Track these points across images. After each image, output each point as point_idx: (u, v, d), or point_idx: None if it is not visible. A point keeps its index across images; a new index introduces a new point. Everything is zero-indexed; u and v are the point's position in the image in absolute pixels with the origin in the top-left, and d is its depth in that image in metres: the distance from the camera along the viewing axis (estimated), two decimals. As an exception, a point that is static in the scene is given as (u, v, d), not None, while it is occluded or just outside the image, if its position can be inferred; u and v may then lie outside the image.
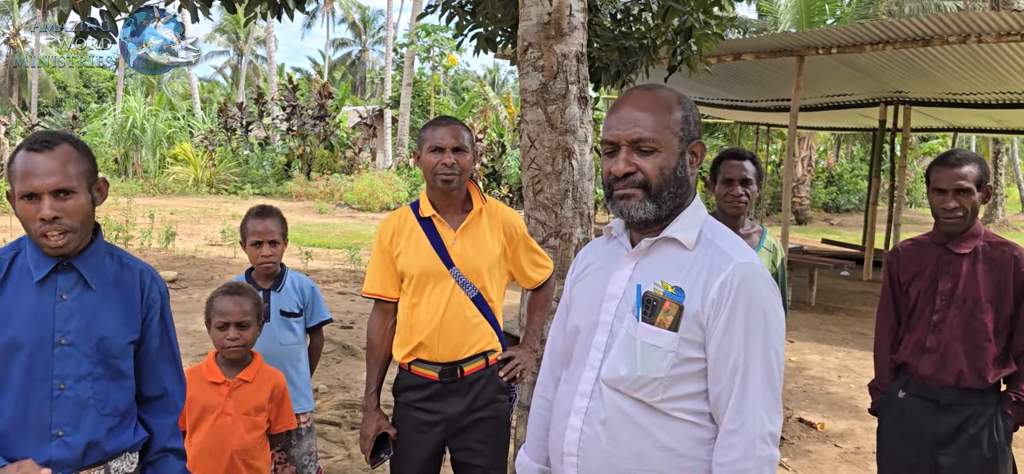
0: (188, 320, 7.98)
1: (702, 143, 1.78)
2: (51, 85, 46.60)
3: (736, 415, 1.64)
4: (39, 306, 1.92)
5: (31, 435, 1.90)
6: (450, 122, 2.73)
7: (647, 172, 1.71)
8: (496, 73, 58.95)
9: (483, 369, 2.77)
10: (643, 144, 1.70)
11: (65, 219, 1.87)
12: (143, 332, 2.06)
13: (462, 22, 5.66)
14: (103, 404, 1.96)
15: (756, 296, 1.67)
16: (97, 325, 1.96)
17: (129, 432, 2.04)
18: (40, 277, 1.92)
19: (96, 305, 1.97)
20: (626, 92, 1.80)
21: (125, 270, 2.05)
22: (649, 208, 1.72)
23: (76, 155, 1.92)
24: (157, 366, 2.11)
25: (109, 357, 1.97)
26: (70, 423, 1.92)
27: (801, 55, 9.15)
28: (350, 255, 12.82)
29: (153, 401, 2.12)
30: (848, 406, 6.18)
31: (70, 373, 1.92)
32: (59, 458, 1.91)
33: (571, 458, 1.78)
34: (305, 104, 29.56)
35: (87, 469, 1.95)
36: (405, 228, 2.77)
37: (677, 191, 1.73)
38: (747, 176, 3.18)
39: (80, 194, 1.90)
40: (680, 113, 1.74)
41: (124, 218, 14.36)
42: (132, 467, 2.07)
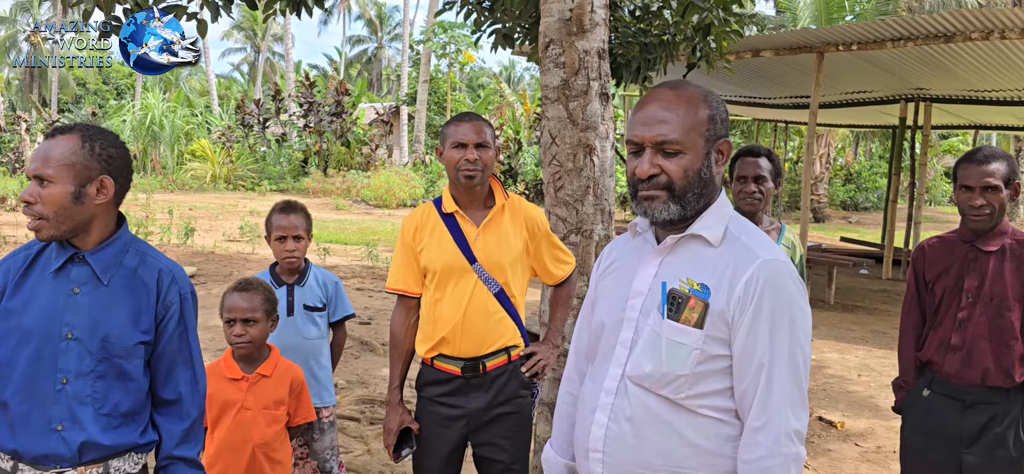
0: (207, 315, 8.04)
1: (728, 141, 1.76)
2: (71, 82, 47.04)
3: (762, 412, 1.64)
4: (52, 297, 1.93)
5: (35, 427, 1.91)
6: (473, 118, 2.74)
7: (671, 174, 1.69)
8: (512, 70, 58.96)
9: (505, 364, 2.77)
10: (667, 146, 1.69)
11: (37, 206, 1.88)
12: (158, 334, 2.03)
13: (480, 18, 5.66)
14: (101, 403, 1.94)
15: (782, 293, 1.66)
16: (104, 322, 1.94)
17: (133, 434, 2.01)
18: (55, 267, 1.94)
19: (106, 302, 1.96)
20: (652, 90, 1.79)
21: (145, 268, 2.03)
22: (673, 209, 1.71)
23: (75, 147, 1.92)
24: (173, 371, 2.07)
25: (113, 356, 1.95)
26: (68, 418, 1.91)
27: (821, 52, 9.09)
28: (367, 251, 12.87)
29: (166, 405, 2.08)
30: (868, 405, 6.14)
31: (72, 368, 1.92)
32: (56, 453, 1.91)
33: (597, 454, 1.79)
34: (322, 101, 29.68)
35: (85, 465, 1.94)
36: (428, 224, 2.78)
37: (702, 191, 1.72)
38: (761, 173, 3.17)
39: (58, 185, 1.89)
40: (706, 112, 1.72)
41: (144, 214, 14.49)
42: (136, 468, 2.04)
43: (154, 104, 33.24)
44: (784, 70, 10.85)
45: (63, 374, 1.91)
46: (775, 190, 3.27)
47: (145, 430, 2.04)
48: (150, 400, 2.07)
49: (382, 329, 7.89)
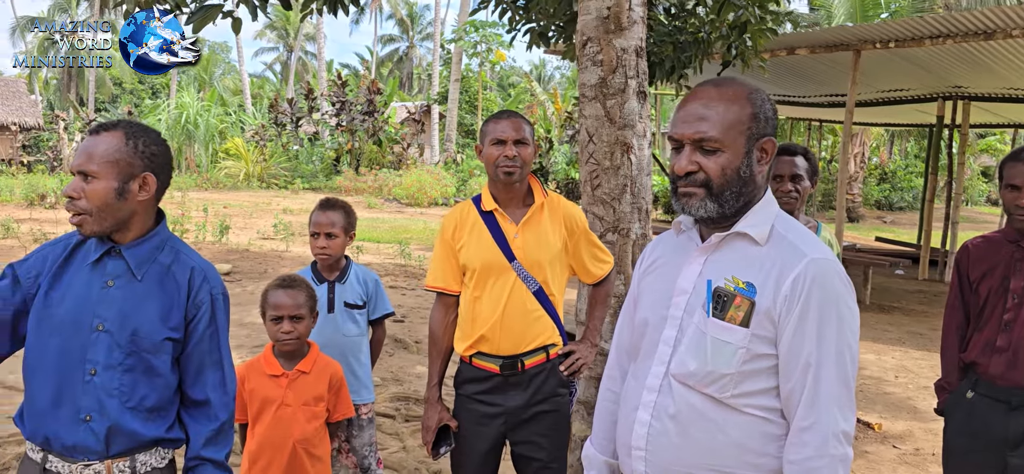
0: (243, 312, 8.14)
1: (772, 140, 1.74)
2: (107, 82, 47.84)
3: (808, 412, 1.62)
4: (86, 289, 1.96)
5: (63, 417, 1.94)
6: (512, 115, 2.75)
7: (709, 172, 1.69)
8: (542, 69, 58.92)
9: (544, 363, 2.78)
10: (706, 143, 1.69)
11: (80, 201, 1.92)
12: (188, 333, 2.05)
13: (515, 17, 5.67)
14: (128, 397, 1.96)
15: (830, 292, 1.64)
16: (134, 316, 1.97)
17: (159, 428, 2.02)
18: (93, 259, 1.98)
19: (138, 296, 1.98)
20: (697, 86, 1.78)
21: (178, 266, 2.05)
22: (710, 207, 1.71)
23: (119, 144, 1.96)
24: (202, 371, 2.08)
25: (141, 350, 1.97)
26: (96, 409, 1.94)
27: (858, 49, 8.98)
28: (400, 250, 12.94)
29: (195, 406, 2.10)
30: (906, 407, 6.06)
31: (101, 360, 1.94)
32: (85, 444, 1.94)
33: (639, 452, 1.79)
34: (354, 100, 29.89)
35: (112, 458, 1.97)
36: (467, 222, 2.79)
37: (741, 190, 1.71)
38: (798, 172, 3.14)
39: (102, 181, 1.92)
40: (748, 110, 1.70)
41: (180, 211, 14.70)
42: (163, 462, 2.06)
43: (189, 103, 33.70)
44: (819, 68, 10.73)
45: (92, 365, 1.94)
46: (811, 189, 3.24)
47: (172, 426, 2.06)
48: (178, 397, 2.09)
49: (416, 327, 7.93)
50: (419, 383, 5.99)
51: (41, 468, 1.97)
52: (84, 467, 1.95)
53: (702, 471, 1.70)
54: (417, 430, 4.93)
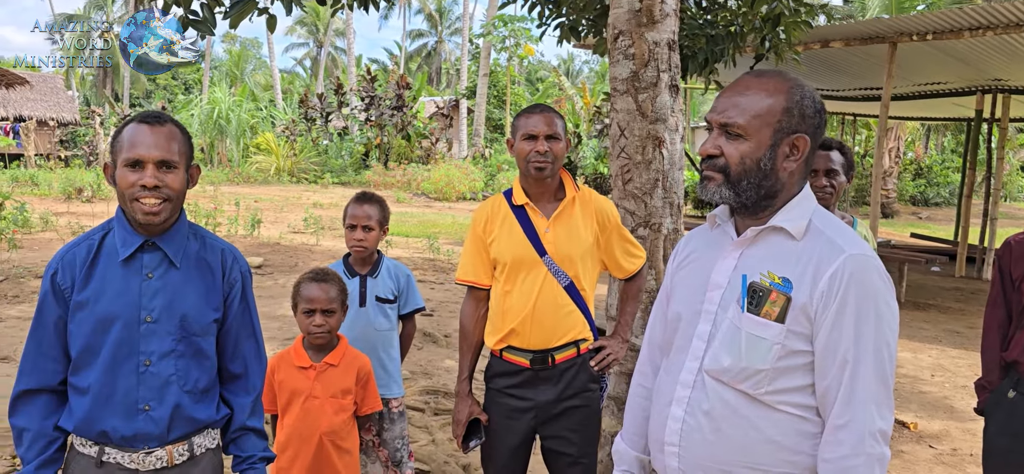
0: (274, 305, 8.21)
1: (805, 137, 1.70)
2: (142, 78, 48.47)
3: (845, 410, 1.59)
4: (126, 284, 1.99)
5: (119, 409, 1.98)
6: (544, 110, 2.73)
7: (729, 157, 1.70)
8: (571, 63, 58.77)
9: (574, 358, 2.76)
10: (730, 128, 1.70)
11: (164, 190, 1.96)
12: (225, 311, 2.13)
13: (544, 12, 5.64)
14: (185, 381, 2.03)
15: (868, 288, 1.61)
16: (180, 303, 2.02)
17: (211, 409, 2.11)
18: (126, 255, 2.00)
19: (179, 284, 2.04)
20: (742, 75, 1.77)
21: (207, 250, 2.12)
22: (726, 194, 1.71)
23: (180, 136, 2.02)
24: (239, 344, 2.17)
25: (191, 335, 2.04)
26: (155, 398, 2.00)
27: (894, 42, 8.83)
28: (429, 244, 12.98)
29: (234, 380, 2.19)
30: (942, 406, 5.95)
31: (155, 350, 1.99)
32: (146, 431, 1.99)
33: (672, 448, 1.77)
34: (383, 95, 30.02)
35: (172, 443, 2.03)
36: (498, 216, 2.78)
37: (760, 182, 1.69)
38: (833, 167, 3.10)
39: (180, 172, 2.00)
40: (781, 103, 1.68)
41: (213, 205, 14.87)
42: (214, 443, 2.14)
43: (221, 98, 34.08)
44: (854, 61, 10.57)
45: (146, 356, 1.99)
46: (846, 184, 3.19)
47: (219, 406, 2.15)
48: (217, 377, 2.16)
49: (445, 321, 7.95)
50: (448, 377, 6.00)
51: (97, 461, 2.01)
52: (146, 455, 2.01)
53: (736, 468, 1.68)
54: (446, 423, 4.94)
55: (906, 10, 18.12)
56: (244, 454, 2.19)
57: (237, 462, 2.20)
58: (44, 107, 33.69)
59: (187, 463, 2.07)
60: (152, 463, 2.01)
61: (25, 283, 8.79)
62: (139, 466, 2.00)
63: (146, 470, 2.01)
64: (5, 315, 7.41)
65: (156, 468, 2.02)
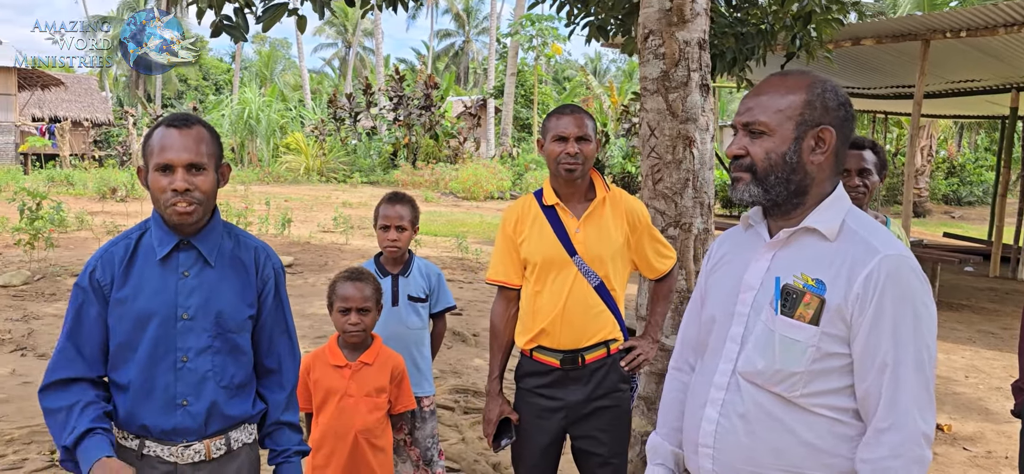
0: (305, 304, 8.30)
1: (829, 129, 1.70)
2: (173, 78, 49.13)
3: (888, 413, 1.58)
4: (163, 283, 2.04)
5: (157, 404, 2.03)
6: (574, 111, 2.73)
7: (754, 155, 1.71)
8: (598, 62, 58.60)
9: (604, 358, 2.77)
10: (753, 126, 1.72)
11: (195, 192, 1.99)
12: (259, 307, 2.17)
13: (573, 11, 5.64)
14: (221, 376, 2.07)
15: (905, 289, 1.60)
16: (215, 300, 2.06)
17: (247, 404, 2.15)
18: (163, 254, 2.04)
19: (214, 281, 2.08)
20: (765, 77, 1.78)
21: (241, 248, 2.16)
22: (755, 191, 1.72)
23: (208, 137, 2.05)
24: (273, 340, 2.21)
25: (227, 331, 2.08)
26: (192, 393, 2.04)
27: (927, 39, 8.71)
28: (457, 243, 13.02)
29: (269, 375, 2.23)
30: (977, 408, 5.87)
31: (192, 346, 2.04)
32: (184, 426, 2.04)
33: (707, 449, 1.77)
34: (411, 94, 30.16)
35: (210, 437, 2.08)
36: (528, 216, 2.80)
37: (788, 177, 1.70)
38: (866, 166, 3.07)
39: (210, 172, 2.03)
40: (802, 96, 1.69)
41: (244, 204, 15.04)
42: (251, 437, 2.19)
43: (251, 99, 34.44)
44: (886, 59, 10.45)
45: (183, 352, 2.04)
46: (879, 183, 3.16)
47: (255, 402, 2.19)
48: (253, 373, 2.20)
49: (474, 320, 7.98)
50: (477, 376, 6.03)
51: (137, 454, 2.06)
52: (184, 448, 2.06)
53: (771, 470, 1.68)
54: (476, 422, 4.97)
55: (939, 7, 17.86)
56: (279, 448, 2.24)
57: (273, 456, 2.24)
58: (79, 108, 34.28)
59: (224, 457, 2.11)
60: (190, 456, 2.06)
61: (61, 281, 8.96)
62: (178, 459, 2.05)
63: (185, 463, 2.06)
64: (42, 313, 7.57)
65: (194, 461, 2.06)
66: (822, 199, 1.73)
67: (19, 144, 30.05)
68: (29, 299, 8.17)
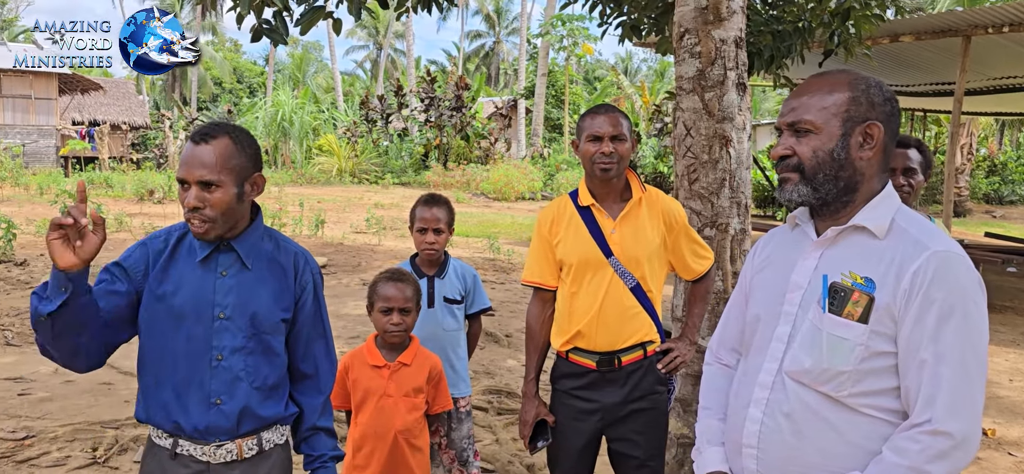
0: (339, 304, 8.35)
1: (877, 125, 1.68)
2: (209, 82, 49.87)
3: (925, 409, 1.55)
4: (202, 281, 2.05)
5: (193, 401, 2.04)
6: (609, 110, 2.71)
7: (800, 154, 1.70)
8: (629, 62, 58.34)
9: (641, 360, 2.74)
10: (798, 126, 1.70)
11: (206, 210, 1.98)
12: (296, 312, 2.17)
13: (605, 11, 5.61)
14: (254, 377, 2.08)
15: (953, 285, 1.56)
16: (251, 301, 2.07)
17: (279, 406, 2.15)
18: (202, 256, 2.06)
19: (251, 283, 2.09)
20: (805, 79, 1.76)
21: (280, 252, 2.17)
22: (804, 191, 1.70)
23: (231, 150, 2.02)
24: (310, 344, 2.22)
25: (261, 332, 2.09)
26: (226, 392, 2.05)
27: (968, 35, 8.54)
28: (489, 244, 13.03)
29: (304, 379, 2.23)
30: (1022, 412, 5.74)
31: (227, 345, 2.05)
32: (217, 424, 2.05)
33: (751, 450, 1.75)
34: (442, 96, 30.27)
35: (242, 437, 2.09)
36: (564, 217, 2.78)
37: (837, 174, 1.68)
38: (911, 165, 3.02)
39: (224, 188, 1.99)
40: (845, 94, 1.68)
41: (278, 206, 15.19)
42: (282, 439, 2.19)
43: (284, 101, 34.80)
44: (925, 55, 10.27)
45: (218, 351, 2.05)
46: (924, 183, 3.10)
47: (287, 404, 2.19)
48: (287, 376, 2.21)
49: (506, 320, 7.97)
50: (510, 377, 6.02)
51: (171, 453, 2.07)
52: (217, 447, 2.07)
53: (816, 471, 1.65)
54: (510, 423, 4.96)
55: (980, 2, 17.51)
56: (315, 453, 2.24)
57: (308, 461, 2.25)
58: (117, 111, 34.92)
59: (256, 457, 2.12)
60: (222, 456, 2.07)
61: (102, 282, 9.11)
62: (210, 458, 2.06)
63: (217, 463, 2.07)
64: (84, 313, 7.69)
65: (226, 461, 2.08)
66: (871, 196, 1.70)
67: (59, 147, 30.68)
68: (70, 299, 8.31)
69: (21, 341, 6.64)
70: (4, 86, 29.50)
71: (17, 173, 22.87)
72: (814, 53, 6.11)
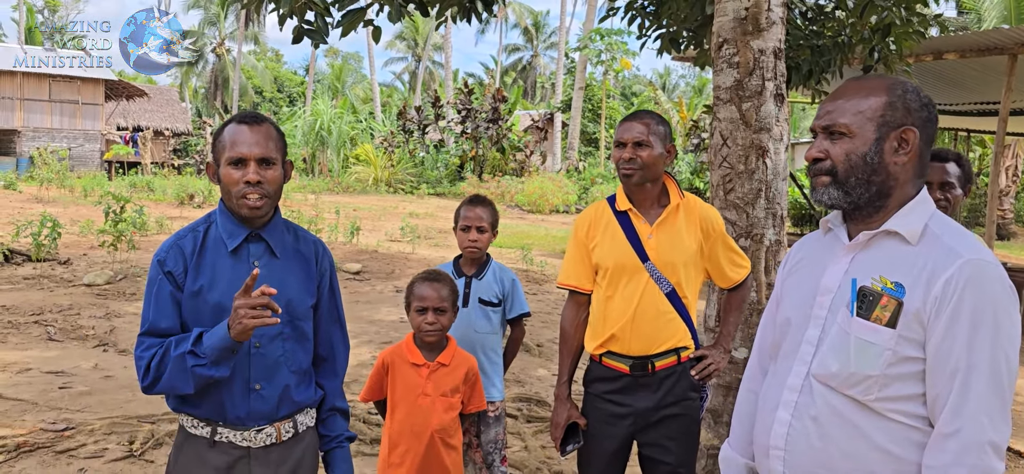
0: (372, 310, 8.43)
1: (912, 130, 1.68)
2: (249, 90, 50.66)
3: (953, 418, 1.54)
4: (235, 273, 2.11)
5: (235, 388, 2.10)
6: (637, 117, 2.74)
7: (834, 158, 1.70)
8: (667, 77, 58.17)
9: (674, 365, 2.74)
10: (833, 129, 1.71)
11: (266, 185, 2.08)
12: (318, 297, 2.26)
13: (644, 23, 5.62)
14: (292, 362, 2.16)
15: (986, 294, 1.56)
16: (285, 289, 2.13)
17: (310, 389, 2.25)
18: (233, 246, 2.13)
19: (282, 271, 2.16)
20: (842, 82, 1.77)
21: (300, 241, 2.27)
22: (834, 194, 1.71)
23: (276, 134, 2.15)
24: (329, 328, 2.32)
25: (295, 319, 2.17)
26: (265, 378, 2.12)
27: (1014, 53, 8.39)
28: (523, 255, 13.06)
29: (323, 363, 2.33)
30: (1061, 436, 5.60)
31: (265, 333, 2.10)
32: (258, 410, 2.12)
33: (778, 451, 1.75)
34: (479, 108, 30.43)
35: (280, 420, 2.16)
36: (601, 221, 2.80)
37: (870, 178, 1.68)
38: (949, 179, 2.98)
39: (278, 167, 2.12)
40: (882, 98, 1.68)
41: (314, 213, 15.37)
42: (312, 421, 2.28)
43: (323, 110, 35.23)
44: (969, 74, 10.10)
45: (256, 339, 2.10)
46: (963, 197, 3.06)
47: (315, 388, 2.29)
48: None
49: (538, 331, 7.98)
50: (540, 385, 6.03)
51: (209, 441, 2.12)
52: (256, 432, 2.13)
53: None
54: (539, 431, 4.97)
55: (1027, 21, 17.19)
56: (332, 433, 2.34)
57: (325, 441, 2.34)
58: (160, 118, 35.66)
59: (292, 439, 2.19)
60: (262, 440, 2.13)
61: (141, 282, 9.30)
62: (251, 443, 2.12)
63: (257, 446, 2.13)
64: (123, 311, 7.87)
65: (266, 445, 2.14)
66: (905, 202, 1.70)
67: (104, 151, 31.38)
68: (111, 298, 8.51)
69: (63, 337, 6.81)
70: (53, 91, 30.30)
71: (63, 176, 23.44)
72: (853, 69, 6.06)
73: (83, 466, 4.18)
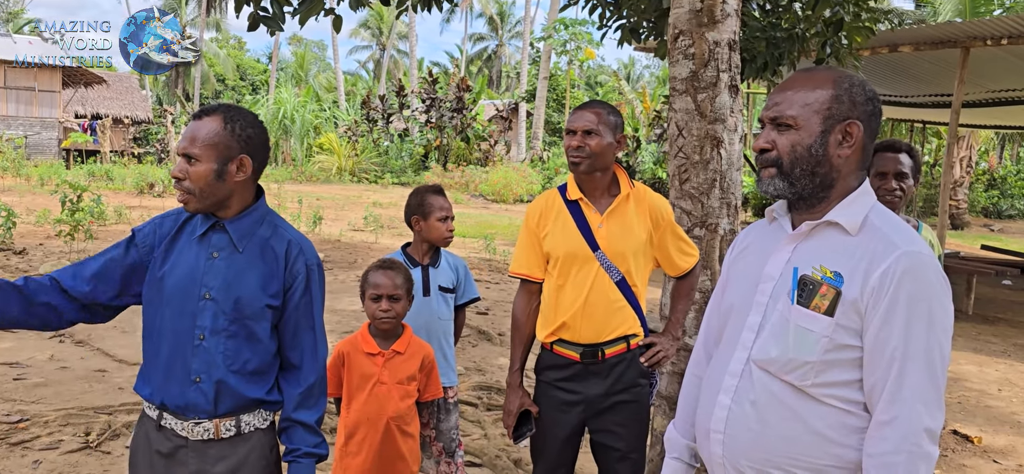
0: (334, 300, 8.39)
1: (856, 123, 1.71)
2: (212, 78, 49.84)
3: (890, 406, 1.59)
4: (195, 260, 2.10)
5: (177, 377, 2.09)
6: (587, 106, 2.76)
7: (780, 149, 1.73)
8: (631, 68, 58.44)
9: (624, 352, 2.78)
10: (780, 120, 1.74)
11: (186, 182, 2.05)
12: (285, 301, 2.17)
13: (605, 13, 5.66)
14: (232, 360, 2.10)
15: (922, 286, 1.60)
16: (237, 285, 2.10)
17: (260, 390, 2.15)
18: (199, 233, 2.12)
19: (240, 267, 2.11)
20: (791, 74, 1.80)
21: (276, 239, 2.17)
22: (779, 185, 1.74)
23: (218, 128, 2.08)
24: (298, 335, 2.21)
25: (244, 317, 2.10)
26: (205, 371, 2.08)
27: (966, 47, 8.58)
28: (486, 244, 13.07)
29: (290, 370, 2.23)
30: (1010, 421, 5.77)
31: (208, 325, 2.08)
32: (196, 402, 2.09)
33: (718, 435, 1.79)
34: (444, 97, 30.32)
35: (220, 417, 2.11)
36: (552, 210, 2.82)
37: (814, 170, 1.71)
38: (903, 170, 3.06)
39: (203, 163, 2.05)
40: (828, 92, 1.71)
41: (276, 202, 15.22)
42: (264, 424, 2.20)
43: (286, 99, 34.87)
44: (924, 66, 10.31)
45: (201, 331, 2.08)
46: (913, 187, 3.15)
47: (271, 389, 2.20)
48: (277, 363, 2.22)
49: (499, 319, 8.01)
50: (501, 374, 6.06)
51: (157, 424, 2.13)
52: (195, 424, 2.11)
53: (779, 458, 1.69)
54: (499, 419, 5.00)
55: (982, 14, 17.55)
56: (291, 446, 2.21)
57: (285, 454, 2.23)
58: (119, 106, 34.96)
59: (234, 438, 2.14)
60: (200, 433, 2.11)
61: (99, 272, 9.14)
62: (189, 435, 2.11)
63: (195, 439, 2.11)
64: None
65: (203, 439, 2.11)
66: (847, 193, 1.74)
67: (62, 140, 30.72)
68: (67, 288, 8.34)
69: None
70: (8, 78, 29.57)
71: (19, 164, 22.92)
72: (807, 61, 6.16)
73: (38, 458, 4.12)
